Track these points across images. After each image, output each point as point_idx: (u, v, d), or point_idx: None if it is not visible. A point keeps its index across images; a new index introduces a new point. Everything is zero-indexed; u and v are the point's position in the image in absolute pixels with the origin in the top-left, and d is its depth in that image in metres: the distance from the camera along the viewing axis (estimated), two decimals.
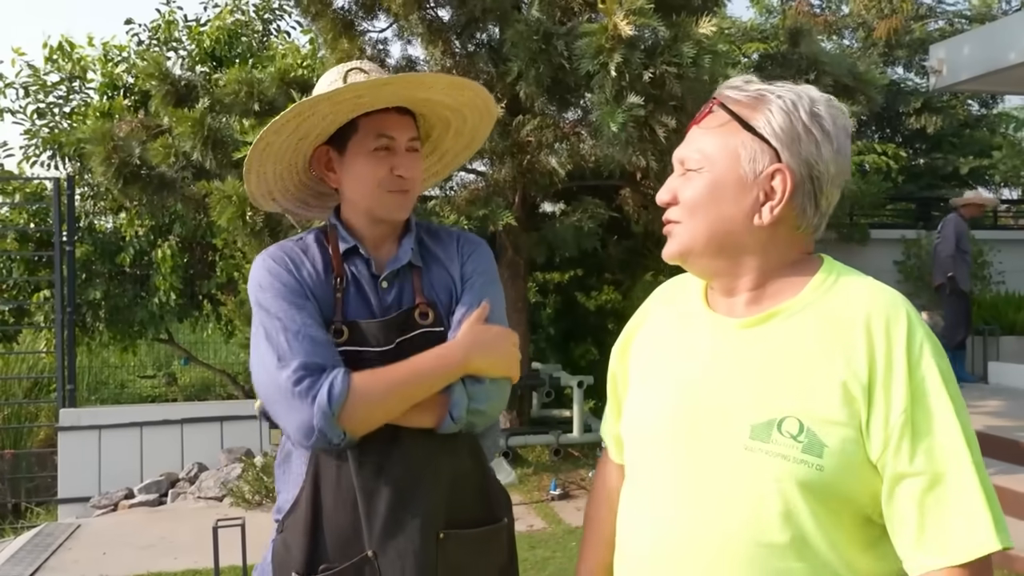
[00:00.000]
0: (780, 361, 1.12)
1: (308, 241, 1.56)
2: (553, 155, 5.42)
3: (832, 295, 1.14)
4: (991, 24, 9.57)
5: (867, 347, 1.07)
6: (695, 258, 1.19)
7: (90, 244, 7.70)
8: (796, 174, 1.13)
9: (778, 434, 1.07)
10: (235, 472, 6.17)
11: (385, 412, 1.40)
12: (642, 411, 1.26)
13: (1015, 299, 8.89)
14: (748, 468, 1.08)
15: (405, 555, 1.38)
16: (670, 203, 1.21)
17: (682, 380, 1.20)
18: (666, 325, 1.30)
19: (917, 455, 1.04)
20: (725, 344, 1.17)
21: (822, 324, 1.11)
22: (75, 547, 5.06)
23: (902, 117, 13.18)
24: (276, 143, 1.51)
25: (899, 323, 1.08)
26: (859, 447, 1.06)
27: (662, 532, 1.16)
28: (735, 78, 1.20)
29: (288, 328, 1.41)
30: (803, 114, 1.13)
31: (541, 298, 8.64)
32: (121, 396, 9.93)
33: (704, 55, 4.14)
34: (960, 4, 15.56)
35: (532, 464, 6.36)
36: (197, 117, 5.12)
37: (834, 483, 1.05)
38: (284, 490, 1.51)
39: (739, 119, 1.14)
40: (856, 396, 1.06)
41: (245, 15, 9.06)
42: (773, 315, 1.15)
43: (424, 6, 5.67)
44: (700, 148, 1.17)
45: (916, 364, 1.06)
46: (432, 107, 1.59)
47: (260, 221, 4.79)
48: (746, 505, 1.08)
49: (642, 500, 1.22)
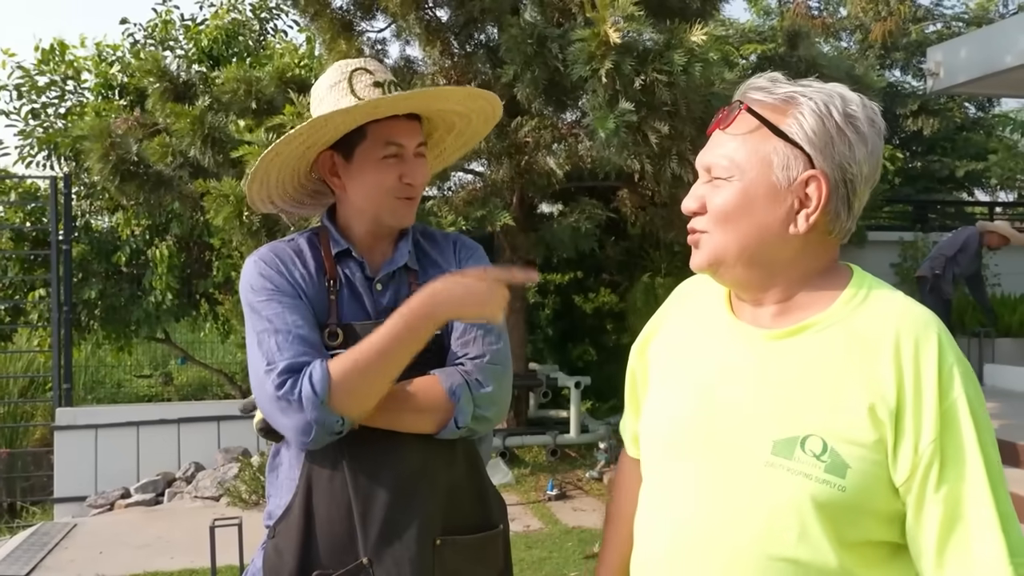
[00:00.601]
0: (807, 377, 1.09)
1: (300, 242, 1.55)
2: (551, 156, 5.43)
3: (863, 311, 1.11)
4: (988, 27, 9.59)
5: (896, 370, 1.05)
6: (726, 269, 1.15)
7: (86, 243, 7.68)
8: (831, 179, 1.09)
9: (801, 452, 1.06)
10: (232, 472, 6.16)
11: (374, 383, 1.36)
12: (661, 413, 1.24)
13: (1010, 301, 8.91)
14: (768, 483, 1.07)
15: (401, 562, 1.37)
16: (698, 212, 1.15)
17: (703, 385, 1.18)
18: (687, 327, 1.28)
19: (943, 485, 1.03)
20: (751, 354, 1.15)
21: (851, 341, 1.09)
22: (71, 546, 5.05)
23: (899, 119, 13.20)
24: (285, 152, 1.50)
25: (930, 346, 1.06)
26: (883, 470, 1.05)
27: (678, 535, 1.15)
28: (759, 78, 1.15)
29: (278, 330, 1.40)
30: (836, 115, 1.10)
31: (539, 299, 8.65)
32: (118, 395, 9.91)
33: (695, 63, 4.14)
34: (957, 7, 15.58)
35: (529, 465, 6.36)
36: (196, 115, 5.12)
37: (854, 504, 1.05)
38: (275, 495, 1.49)
39: (769, 124, 1.10)
40: (883, 420, 1.04)
41: (242, 14, 9.04)
42: (803, 329, 1.12)
43: (422, 6, 5.67)
44: (728, 155, 1.12)
45: (947, 391, 1.04)
46: (444, 115, 1.59)
47: (257, 221, 4.79)
48: (762, 519, 1.07)
49: (659, 501, 1.21)
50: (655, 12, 4.85)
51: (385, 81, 1.51)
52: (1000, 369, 7.75)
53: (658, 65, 4.16)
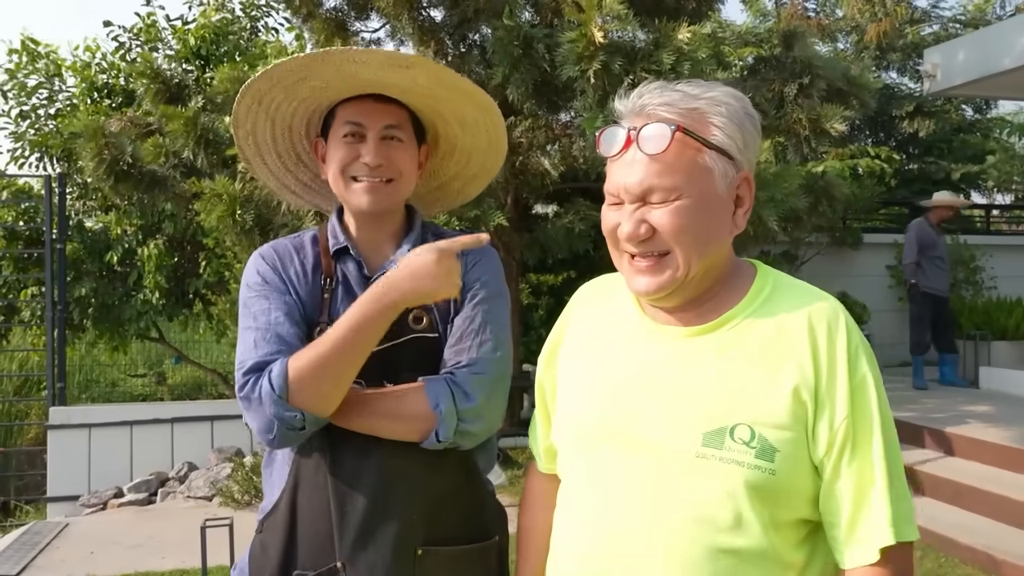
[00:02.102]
0: (728, 369, 1.14)
1: (304, 239, 1.54)
2: (545, 156, 5.42)
3: (772, 302, 1.18)
4: (985, 29, 9.58)
5: (811, 352, 1.12)
6: (682, 286, 1.16)
7: (79, 242, 7.66)
8: (751, 176, 1.19)
9: (731, 440, 1.10)
10: (225, 472, 6.15)
11: (332, 376, 1.31)
12: (579, 415, 1.25)
13: (1007, 304, 8.91)
14: (700, 474, 1.11)
15: (375, 568, 1.34)
16: (645, 237, 1.14)
17: (622, 385, 1.20)
18: (597, 332, 1.29)
19: (854, 461, 1.10)
20: (670, 351, 1.19)
21: (766, 331, 1.15)
22: (63, 546, 5.03)
23: (895, 121, 13.21)
24: (265, 103, 1.50)
25: (839, 329, 1.14)
26: (804, 450, 1.11)
27: (604, 535, 1.16)
28: (646, 94, 1.17)
29: (258, 328, 1.39)
30: (745, 118, 1.16)
31: (533, 299, 8.64)
32: (112, 395, 9.88)
33: (684, 62, 4.13)
34: (955, 8, 15.60)
35: (523, 466, 6.35)
36: (190, 116, 5.10)
37: (784, 486, 1.10)
38: (268, 491, 1.48)
39: (700, 139, 1.13)
40: (805, 400, 1.11)
41: (232, 13, 9.01)
42: (719, 324, 1.17)
43: (416, 7, 5.66)
44: (663, 174, 1.12)
45: (855, 370, 1.12)
46: (418, 100, 1.49)
47: (250, 220, 4.77)
48: (697, 509, 1.10)
49: (580, 503, 1.22)
50: (650, 12, 4.84)
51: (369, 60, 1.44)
52: (996, 372, 7.74)
53: (647, 64, 4.16)
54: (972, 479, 5.04)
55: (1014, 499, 4.69)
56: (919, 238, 7.74)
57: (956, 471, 5.20)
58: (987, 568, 4.23)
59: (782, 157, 7.94)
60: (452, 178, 1.68)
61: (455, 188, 1.70)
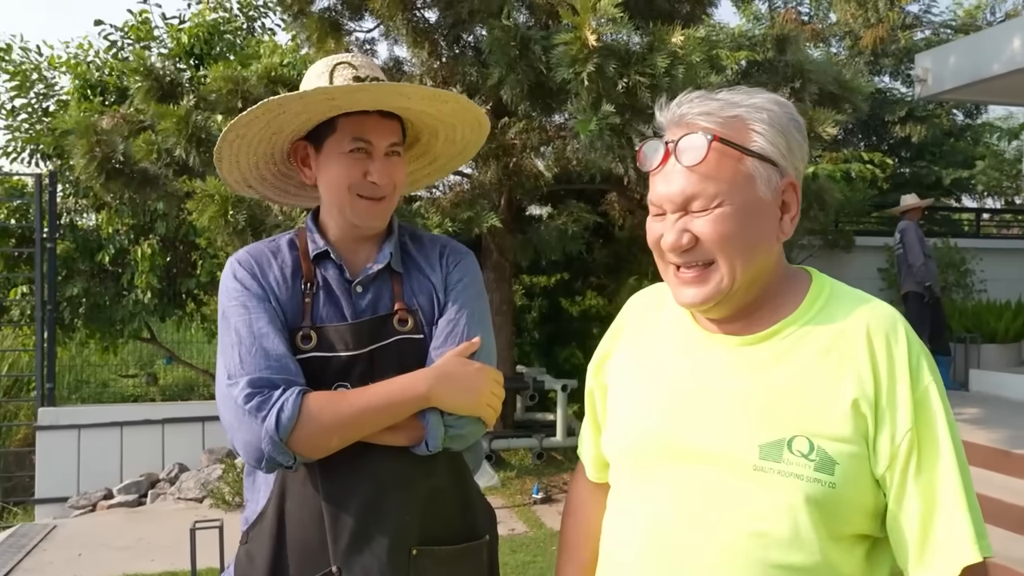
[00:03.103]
0: (784, 379, 1.11)
1: (281, 243, 1.51)
2: (539, 158, 5.42)
3: (829, 310, 1.15)
4: (976, 35, 9.64)
5: (871, 363, 1.09)
6: (732, 295, 1.14)
7: (71, 241, 7.63)
8: (798, 182, 1.17)
9: (789, 453, 1.07)
10: (216, 473, 6.12)
11: (340, 440, 1.33)
12: (633, 427, 1.23)
13: (996, 308, 8.95)
14: (758, 487, 1.08)
15: (371, 572, 1.33)
16: (688, 247, 1.13)
17: (676, 395, 1.18)
18: (649, 342, 1.27)
19: (921, 475, 1.07)
20: (725, 362, 1.16)
21: (823, 341, 1.12)
22: (50, 548, 5.00)
23: (887, 126, 13.27)
24: (248, 136, 1.46)
25: (899, 338, 1.11)
26: (865, 463, 1.08)
27: (660, 548, 1.13)
28: (685, 103, 1.16)
29: (243, 341, 1.36)
30: (789, 123, 1.15)
31: (527, 301, 8.64)
32: (103, 395, 9.82)
33: (678, 65, 4.14)
34: (946, 14, 15.68)
35: (515, 468, 6.35)
36: (182, 114, 5.08)
37: (844, 499, 1.07)
38: (252, 500, 1.46)
39: (740, 147, 1.12)
40: (865, 413, 1.08)
41: (228, 12, 8.99)
42: (775, 332, 1.15)
43: (410, 7, 5.65)
44: (704, 184, 1.12)
45: (917, 380, 1.09)
46: (415, 115, 1.52)
47: (242, 220, 4.75)
48: (754, 523, 1.07)
49: (634, 513, 1.19)
50: (644, 15, 4.85)
51: (367, 77, 1.46)
52: (986, 375, 7.78)
53: (641, 68, 4.16)
54: None
55: (1004, 501, 4.72)
56: (920, 238, 7.77)
57: None
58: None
59: None
60: (438, 156, 1.68)
61: (439, 165, 1.71)
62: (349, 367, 1.39)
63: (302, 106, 1.40)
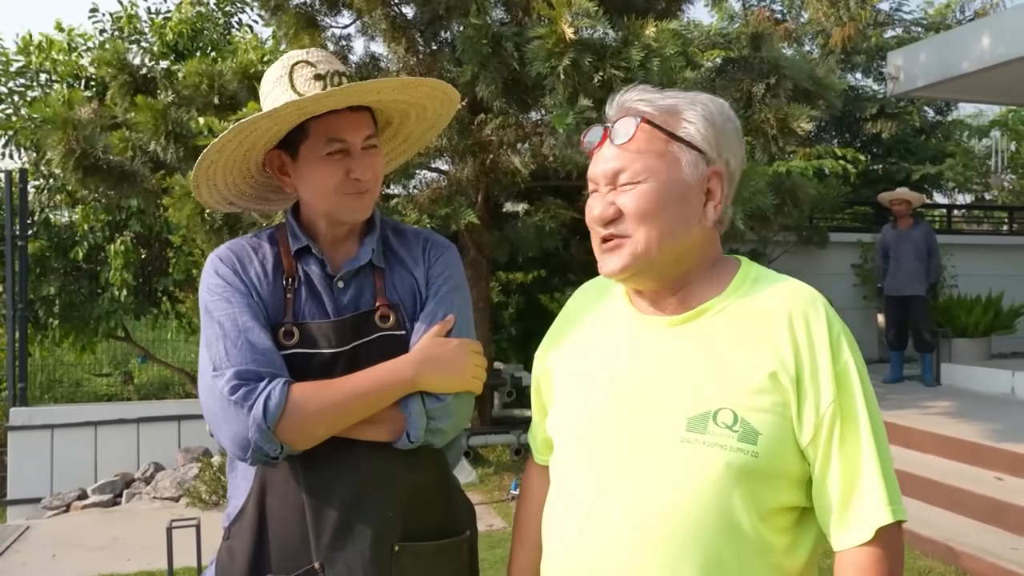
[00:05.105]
0: (710, 355, 1.18)
1: (262, 239, 1.50)
2: (516, 155, 5.43)
3: (754, 292, 1.22)
4: (946, 33, 9.77)
5: (791, 340, 1.15)
6: (647, 267, 1.21)
7: (45, 239, 7.51)
8: (725, 173, 1.23)
9: (714, 425, 1.13)
10: (192, 472, 6.08)
11: (327, 427, 1.34)
12: (570, 410, 1.28)
13: (967, 302, 9.08)
14: (685, 459, 1.13)
15: (354, 567, 1.34)
16: (614, 218, 1.21)
17: (610, 378, 1.23)
18: (589, 326, 1.34)
19: (844, 444, 1.13)
20: (654, 341, 1.23)
21: (747, 319, 1.19)
22: (23, 549, 4.95)
23: (859, 123, 13.42)
24: (221, 160, 1.45)
25: (819, 317, 1.17)
26: (789, 433, 1.14)
27: (591, 524, 1.18)
28: (628, 92, 1.24)
29: (227, 335, 1.36)
30: (719, 118, 1.22)
31: (504, 298, 8.64)
32: (76, 395, 9.70)
33: (652, 58, 4.17)
34: (916, 12, 15.88)
35: (493, 464, 6.36)
36: (159, 109, 5.02)
37: (767, 468, 1.13)
38: (234, 496, 1.46)
39: (668, 132, 1.20)
40: (786, 385, 1.13)
41: (206, 7, 8.91)
42: (701, 312, 1.21)
43: (388, 3, 5.64)
44: (632, 161, 1.20)
45: (837, 355, 1.15)
46: (385, 104, 1.51)
47: (219, 218, 4.72)
48: (683, 494, 1.12)
49: (569, 496, 1.24)
50: (619, 10, 4.87)
51: (327, 73, 1.43)
52: (957, 368, 7.90)
53: (616, 61, 4.19)
54: (933, 473, 5.15)
55: (974, 492, 4.80)
56: (902, 237, 7.74)
57: (917, 465, 5.30)
58: (947, 560, 4.32)
59: (750, 156, 8.02)
60: (410, 134, 1.66)
61: (412, 142, 1.68)
62: (332, 364, 1.39)
63: (272, 121, 1.39)
